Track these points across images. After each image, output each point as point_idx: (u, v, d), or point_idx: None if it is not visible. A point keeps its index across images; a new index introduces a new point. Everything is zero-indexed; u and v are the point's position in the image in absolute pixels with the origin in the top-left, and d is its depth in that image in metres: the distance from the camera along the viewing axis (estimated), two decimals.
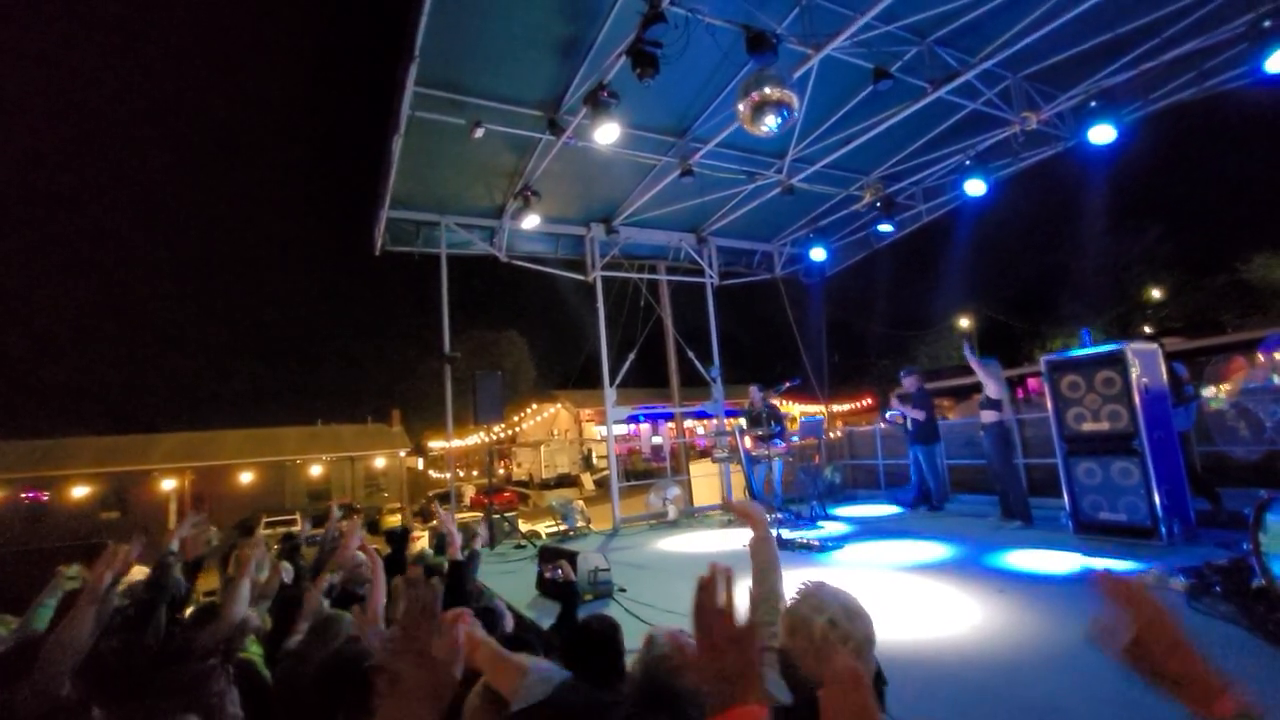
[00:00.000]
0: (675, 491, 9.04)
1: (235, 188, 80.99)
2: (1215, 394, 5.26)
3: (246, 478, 27.31)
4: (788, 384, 8.00)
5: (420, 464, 40.03)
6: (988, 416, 6.41)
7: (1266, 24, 5.10)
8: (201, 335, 72.14)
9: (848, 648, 1.25)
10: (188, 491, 25.89)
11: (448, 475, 8.77)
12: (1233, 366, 5.16)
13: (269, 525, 20.92)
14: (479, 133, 6.24)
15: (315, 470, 29.30)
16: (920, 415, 7.62)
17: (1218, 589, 3.53)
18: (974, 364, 6.44)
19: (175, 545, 3.12)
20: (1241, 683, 0.79)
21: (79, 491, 24.48)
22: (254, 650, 2.64)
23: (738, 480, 9.12)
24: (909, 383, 7.82)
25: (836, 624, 1.27)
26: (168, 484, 25.80)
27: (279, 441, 29.43)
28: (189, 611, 3.04)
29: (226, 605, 2.44)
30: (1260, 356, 4.83)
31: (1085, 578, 1.34)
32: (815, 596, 1.35)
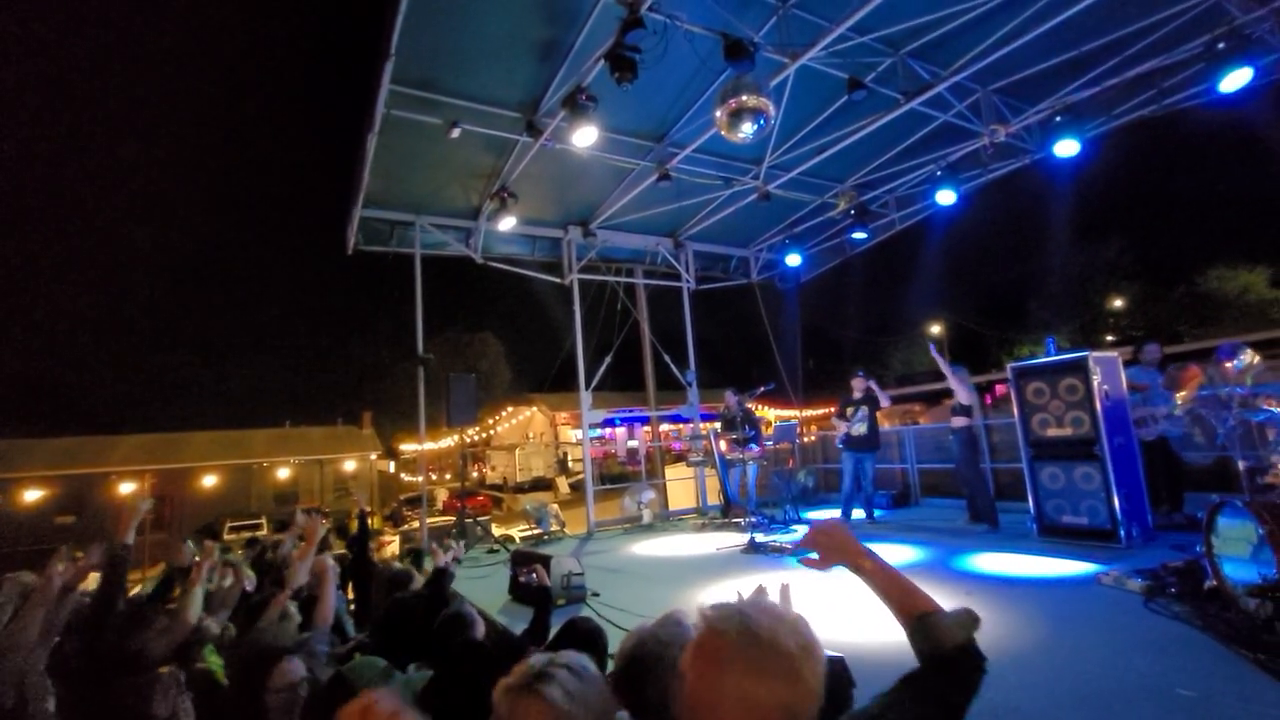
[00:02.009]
0: (650, 495, 9.05)
1: (202, 182, 78.93)
2: (1175, 400, 5.43)
3: (211, 481, 26.56)
4: (762, 388, 8.06)
5: (392, 467, 39.39)
6: (958, 422, 6.54)
7: (1221, 45, 5.31)
8: (165, 334, 70.15)
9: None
10: (148, 495, 25.09)
11: (420, 479, 8.65)
12: (1188, 375, 5.32)
13: (233, 530, 20.37)
14: (455, 133, 6.19)
15: (283, 473, 28.64)
16: (887, 399, 7.54)
17: (1173, 590, 3.65)
18: (945, 368, 6.59)
19: (130, 538, 3.00)
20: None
21: (31, 495, 23.54)
22: (213, 660, 2.57)
23: (713, 484, 9.16)
24: (860, 384, 7.59)
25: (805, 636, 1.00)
26: (127, 487, 24.95)
27: (245, 444, 28.70)
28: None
29: (180, 612, 2.37)
30: (1212, 364, 4.99)
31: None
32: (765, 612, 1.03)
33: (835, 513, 7.59)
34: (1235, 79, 5.35)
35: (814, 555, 1.29)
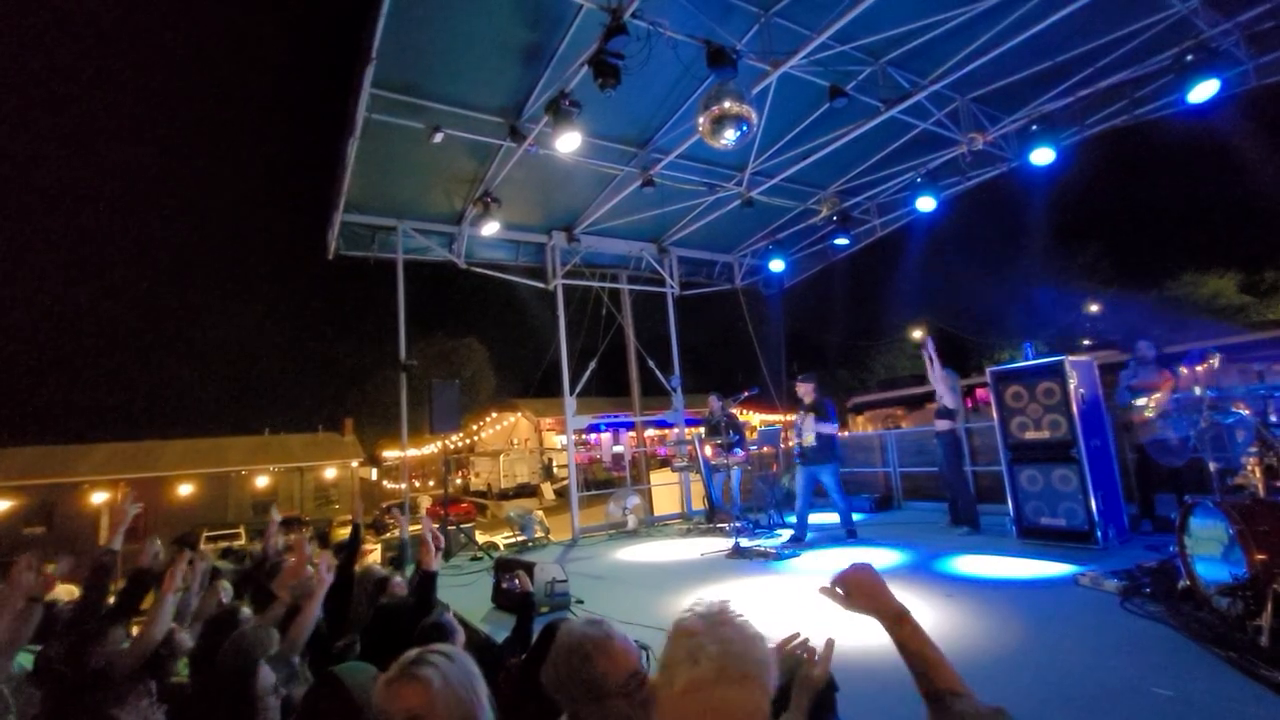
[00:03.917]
0: (635, 501, 9.03)
1: (177, 183, 77.63)
2: (1146, 404, 5.54)
3: (187, 490, 26.04)
4: (746, 393, 8.08)
5: (374, 474, 38.92)
6: (941, 425, 6.60)
7: (1189, 58, 5.46)
8: (140, 339, 68.74)
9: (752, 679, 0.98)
10: (134, 499, 24.49)
11: (402, 486, 8.57)
12: (1160, 380, 5.44)
13: (210, 539, 19.99)
14: (438, 138, 6.16)
15: (262, 481, 28.17)
16: (832, 429, 6.68)
17: (1147, 590, 3.72)
18: (931, 369, 6.62)
19: (117, 544, 2.95)
20: None
21: None
22: (187, 674, 2.51)
23: (697, 489, 9.16)
24: (807, 389, 6.88)
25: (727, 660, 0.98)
26: (99, 497, 24.36)
27: (223, 452, 28.20)
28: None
29: (149, 624, 2.31)
30: (1184, 369, 5.10)
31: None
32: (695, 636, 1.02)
33: (836, 516, 7.01)
34: (1203, 90, 5.49)
35: (839, 590, 1.28)
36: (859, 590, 1.26)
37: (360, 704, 1.49)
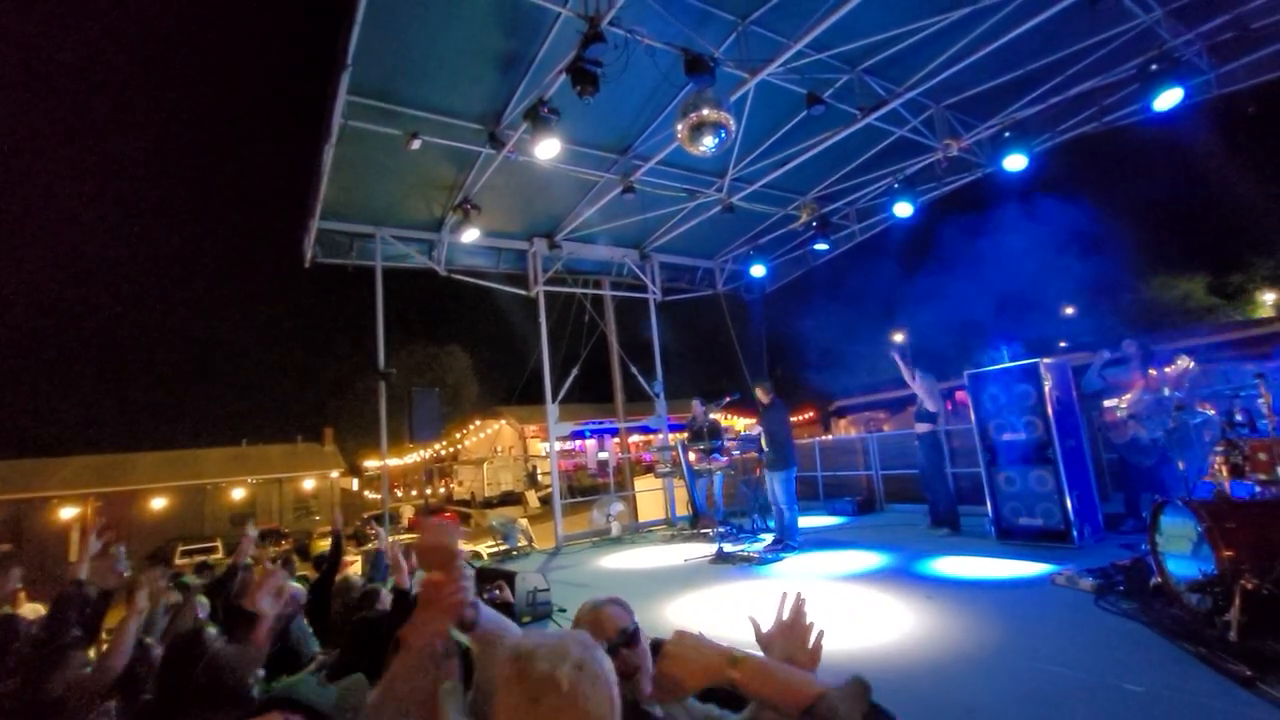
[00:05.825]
0: (619, 507, 9.00)
1: (152, 190, 76.25)
2: (1117, 404, 5.65)
3: (160, 503, 25.46)
4: (729, 398, 8.10)
5: (355, 484, 38.40)
6: (921, 428, 6.67)
7: (1154, 67, 5.60)
8: (113, 349, 67.23)
9: (600, 686, 0.93)
10: (91, 520, 23.87)
11: (382, 496, 8.45)
12: (1131, 380, 5.56)
13: (185, 554, 19.56)
14: (415, 144, 6.11)
15: (239, 493, 27.63)
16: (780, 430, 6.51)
17: (1121, 587, 3.78)
18: (907, 373, 6.71)
19: (83, 574, 2.86)
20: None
21: None
22: None
23: (681, 494, 9.16)
24: (763, 391, 6.71)
25: (584, 666, 0.94)
26: (69, 512, 23.73)
27: (199, 464, 27.64)
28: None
29: (113, 648, 2.24)
30: (1153, 370, 5.22)
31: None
32: (545, 647, 0.96)
33: (821, 519, 7.25)
34: (1167, 98, 5.63)
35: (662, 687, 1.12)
36: (685, 670, 1.09)
37: (328, 714, 1.45)
